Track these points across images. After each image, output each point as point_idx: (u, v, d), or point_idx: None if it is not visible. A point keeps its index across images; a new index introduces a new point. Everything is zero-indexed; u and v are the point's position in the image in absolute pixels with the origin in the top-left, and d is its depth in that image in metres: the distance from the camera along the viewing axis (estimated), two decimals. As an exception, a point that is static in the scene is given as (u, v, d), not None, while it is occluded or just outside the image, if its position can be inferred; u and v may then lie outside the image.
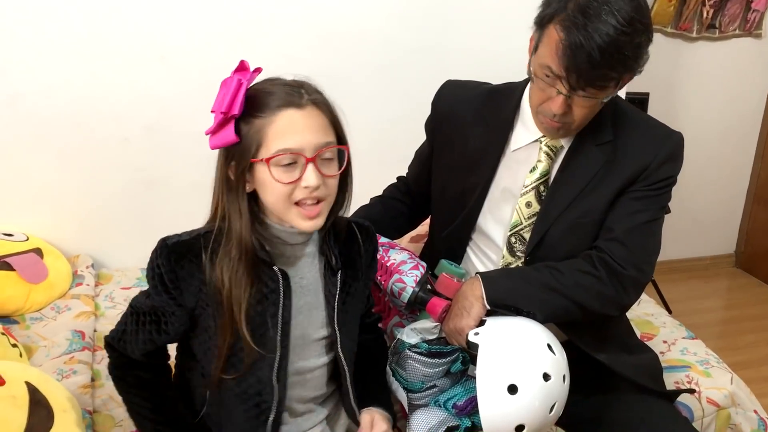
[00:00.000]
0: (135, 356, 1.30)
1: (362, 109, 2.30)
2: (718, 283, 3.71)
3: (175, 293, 1.22)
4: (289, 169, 1.16)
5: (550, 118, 1.45)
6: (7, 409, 1.28)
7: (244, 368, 1.25)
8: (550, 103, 1.43)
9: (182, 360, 1.37)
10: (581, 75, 1.34)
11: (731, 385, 1.83)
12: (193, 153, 2.22)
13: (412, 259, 1.58)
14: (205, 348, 1.28)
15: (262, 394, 1.28)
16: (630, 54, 1.35)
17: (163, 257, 1.21)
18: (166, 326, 1.26)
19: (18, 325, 1.94)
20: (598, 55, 1.31)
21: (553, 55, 1.36)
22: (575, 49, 1.32)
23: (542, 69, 1.41)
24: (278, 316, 1.26)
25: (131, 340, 1.29)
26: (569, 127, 1.48)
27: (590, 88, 1.37)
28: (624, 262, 1.48)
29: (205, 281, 1.21)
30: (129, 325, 1.30)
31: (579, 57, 1.32)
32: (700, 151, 3.44)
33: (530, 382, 1.30)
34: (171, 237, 1.23)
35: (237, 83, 1.15)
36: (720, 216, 3.76)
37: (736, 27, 3.32)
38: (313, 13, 2.29)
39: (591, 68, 1.33)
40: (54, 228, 2.26)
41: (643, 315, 2.18)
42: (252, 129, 1.16)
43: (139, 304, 1.29)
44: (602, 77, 1.35)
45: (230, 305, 1.20)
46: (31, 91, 2.12)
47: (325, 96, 1.22)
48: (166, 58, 2.20)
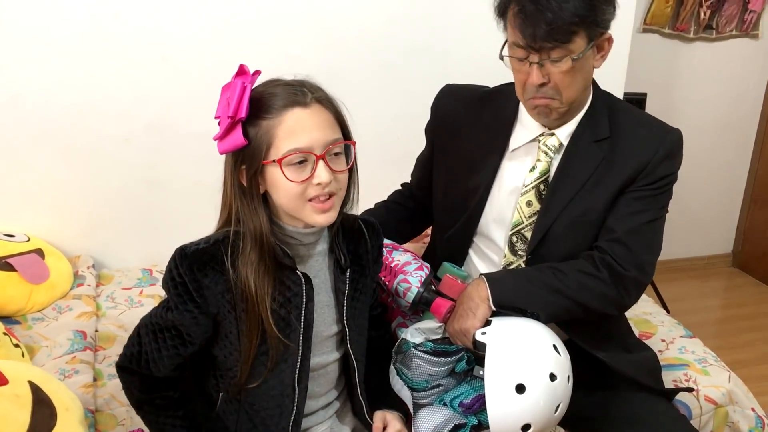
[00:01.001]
0: (162, 374, 1.28)
1: (365, 106, 2.31)
2: (716, 283, 3.73)
3: (200, 301, 1.22)
4: (300, 168, 1.18)
5: (535, 94, 1.47)
6: (11, 408, 1.29)
7: (266, 373, 1.26)
8: (529, 79, 1.45)
9: (195, 363, 1.36)
10: (539, 33, 1.37)
11: (729, 383, 1.84)
12: (194, 152, 2.24)
13: (416, 260, 1.60)
14: (226, 353, 1.28)
15: (283, 396, 1.29)
16: (584, 4, 1.37)
17: (184, 266, 1.20)
18: (190, 336, 1.25)
19: (20, 326, 1.94)
20: (550, 13, 1.35)
21: (514, 30, 1.42)
22: (528, 14, 1.37)
23: (511, 49, 1.45)
24: (301, 318, 1.27)
25: (155, 359, 1.27)
26: (559, 99, 1.48)
27: (555, 47, 1.39)
28: (626, 262, 1.49)
29: (230, 287, 1.21)
30: (147, 344, 1.28)
31: (533, 18, 1.37)
32: (698, 152, 3.45)
33: (537, 382, 1.31)
34: (188, 246, 1.23)
35: (241, 87, 1.16)
36: (717, 216, 3.78)
37: (733, 28, 3.33)
38: (314, 12, 2.30)
39: (546, 24, 1.36)
40: (55, 228, 2.27)
41: (641, 314, 2.19)
42: (260, 131, 1.17)
43: (155, 320, 1.27)
44: (561, 31, 1.37)
45: (256, 307, 1.21)
46: (33, 91, 2.13)
47: (327, 92, 1.24)
48: (167, 58, 2.21)
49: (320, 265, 1.33)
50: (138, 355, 1.29)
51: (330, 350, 1.36)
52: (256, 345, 1.24)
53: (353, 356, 1.37)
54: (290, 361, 1.28)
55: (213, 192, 1.28)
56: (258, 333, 1.23)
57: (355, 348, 1.36)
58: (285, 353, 1.27)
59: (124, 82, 2.20)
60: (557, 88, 1.45)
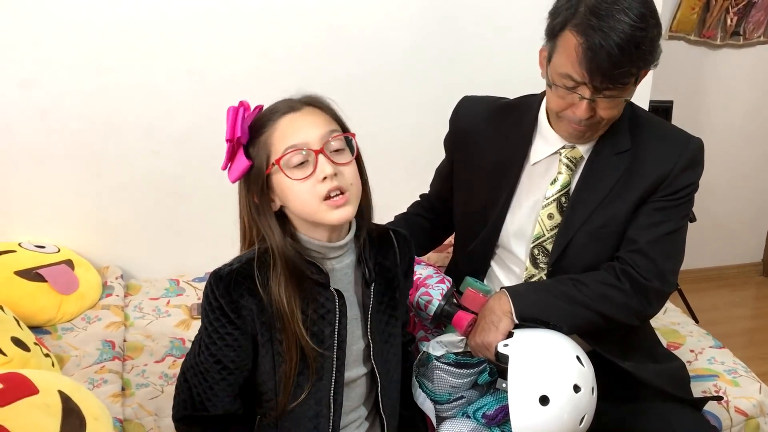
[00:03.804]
0: (220, 410, 1.27)
1: (386, 117, 2.33)
2: (746, 292, 3.67)
3: (238, 322, 1.22)
4: (303, 168, 1.19)
5: (576, 123, 1.46)
6: (41, 417, 1.30)
7: (305, 393, 1.26)
8: (574, 109, 1.43)
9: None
10: (605, 75, 1.35)
11: (760, 394, 1.82)
12: (220, 165, 2.26)
13: (438, 273, 1.60)
14: (265, 378, 1.28)
15: (319, 417, 1.29)
16: (647, 48, 1.36)
17: (221, 289, 1.20)
18: (234, 363, 1.24)
19: (50, 336, 1.97)
20: (618, 52, 1.32)
21: (573, 62, 1.37)
22: (596, 50, 1.33)
23: (561, 78, 1.41)
24: (335, 334, 1.27)
25: (209, 397, 1.26)
26: (596, 128, 1.48)
27: (613, 88, 1.38)
28: (648, 273, 1.48)
29: (264, 307, 1.22)
30: (197, 385, 1.26)
31: (600, 57, 1.33)
32: (726, 159, 3.40)
33: (561, 394, 1.30)
34: (222, 268, 1.23)
35: (234, 109, 1.19)
36: (746, 224, 3.72)
37: (761, 34, 3.29)
38: (336, 24, 2.31)
39: (613, 67, 1.34)
40: (84, 240, 2.30)
41: (669, 324, 2.17)
42: (259, 146, 1.21)
43: (197, 360, 1.26)
44: (624, 75, 1.36)
45: (291, 324, 1.21)
46: (63, 106, 2.16)
47: (319, 96, 1.26)
48: (193, 71, 2.24)
49: (348, 278, 1.32)
50: (191, 399, 1.28)
51: (359, 364, 1.35)
52: (296, 364, 1.23)
53: (377, 370, 1.36)
54: (325, 378, 1.28)
55: (237, 205, 1.29)
56: (297, 351, 1.23)
57: (378, 362, 1.35)
58: (321, 370, 1.26)
59: (152, 95, 2.23)
60: (601, 119, 1.45)
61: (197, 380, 1.27)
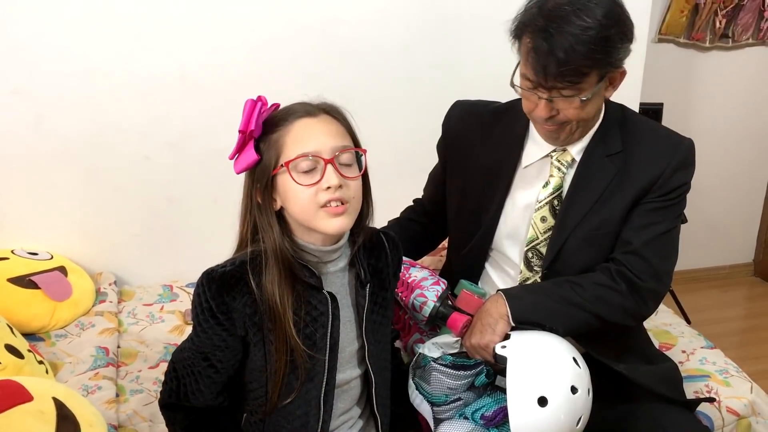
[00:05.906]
0: (203, 403, 1.29)
1: (379, 122, 2.33)
2: (737, 293, 3.69)
3: (227, 324, 1.23)
4: (310, 174, 1.20)
5: (542, 123, 1.49)
6: (35, 425, 1.30)
7: (295, 393, 1.27)
8: (537, 109, 1.46)
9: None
10: (549, 74, 1.37)
11: (751, 394, 1.82)
12: (213, 171, 2.26)
13: (433, 275, 1.61)
14: (254, 376, 1.29)
15: (308, 416, 1.30)
16: (597, 48, 1.35)
17: (212, 290, 1.22)
18: (221, 362, 1.27)
19: (43, 342, 1.97)
20: (562, 53, 1.34)
21: (526, 63, 1.41)
22: (540, 53, 1.36)
23: (522, 79, 1.45)
24: (327, 336, 1.28)
25: (194, 390, 1.29)
26: (568, 129, 1.49)
27: (564, 87, 1.39)
28: (643, 274, 1.50)
29: (257, 309, 1.23)
30: (184, 377, 1.29)
31: (544, 58, 1.35)
32: (716, 161, 3.43)
33: (559, 395, 1.32)
34: (214, 269, 1.24)
35: (252, 102, 1.20)
36: (738, 225, 3.74)
37: (749, 36, 3.32)
38: (330, 30, 2.32)
39: (558, 66, 1.35)
40: (77, 246, 2.30)
41: (661, 325, 2.18)
42: (270, 143, 1.21)
43: (187, 353, 1.29)
44: (572, 73, 1.37)
45: (283, 324, 1.22)
46: (54, 112, 2.16)
47: (337, 106, 1.27)
48: (186, 77, 2.24)
49: (341, 281, 1.33)
50: (177, 389, 1.30)
51: (352, 366, 1.37)
52: (285, 364, 1.24)
53: (371, 371, 1.37)
54: (316, 379, 1.29)
55: (231, 209, 1.30)
56: (286, 351, 1.24)
57: (373, 362, 1.37)
58: (312, 371, 1.27)
59: (144, 101, 2.23)
60: (567, 118, 1.46)
61: (184, 372, 1.29)
